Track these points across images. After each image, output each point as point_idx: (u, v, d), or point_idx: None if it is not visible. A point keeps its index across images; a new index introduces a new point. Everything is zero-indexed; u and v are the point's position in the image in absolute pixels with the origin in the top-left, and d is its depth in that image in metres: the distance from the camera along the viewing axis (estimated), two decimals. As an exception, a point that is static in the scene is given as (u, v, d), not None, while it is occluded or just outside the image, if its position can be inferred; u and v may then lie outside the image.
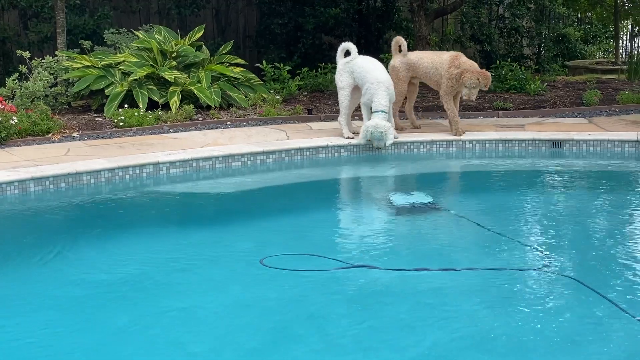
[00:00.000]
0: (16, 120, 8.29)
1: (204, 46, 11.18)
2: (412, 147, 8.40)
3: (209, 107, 10.08)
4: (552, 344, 3.81)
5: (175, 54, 10.42)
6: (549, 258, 5.04)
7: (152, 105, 9.74)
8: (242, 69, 10.88)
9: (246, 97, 10.57)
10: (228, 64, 10.92)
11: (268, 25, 13.66)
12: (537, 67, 15.09)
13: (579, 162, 8.12)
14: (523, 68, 12.43)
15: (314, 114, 10.03)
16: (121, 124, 9.04)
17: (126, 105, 9.53)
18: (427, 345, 3.82)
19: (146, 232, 5.88)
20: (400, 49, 8.85)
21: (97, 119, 9.60)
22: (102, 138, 8.63)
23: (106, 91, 9.80)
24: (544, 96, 11.33)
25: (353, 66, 8.29)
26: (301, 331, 4.01)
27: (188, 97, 10.02)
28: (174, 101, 9.62)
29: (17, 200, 6.55)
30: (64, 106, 10.06)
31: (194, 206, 6.82)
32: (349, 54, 8.43)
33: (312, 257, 5.03)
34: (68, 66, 9.96)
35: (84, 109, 10.31)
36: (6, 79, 9.55)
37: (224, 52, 11.10)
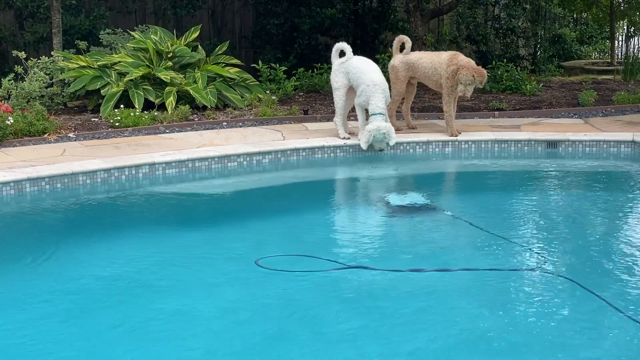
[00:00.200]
0: (12, 121, 8.30)
1: (200, 46, 11.17)
2: (408, 147, 8.40)
3: (205, 108, 10.07)
4: (547, 343, 3.81)
5: (171, 54, 10.42)
6: (544, 258, 5.05)
7: (148, 105, 9.73)
8: (238, 69, 10.88)
9: (242, 97, 10.56)
10: (224, 65, 10.91)
11: (264, 25, 13.65)
12: (533, 67, 15.10)
13: (574, 162, 8.13)
14: (519, 68, 12.42)
15: (310, 115, 10.04)
16: (117, 124, 9.03)
17: (122, 106, 9.52)
18: (423, 345, 3.83)
19: (141, 232, 5.88)
20: (402, 47, 8.85)
21: (93, 119, 9.59)
22: (98, 138, 8.62)
23: (102, 91, 9.79)
24: (539, 97, 11.35)
25: (348, 67, 8.28)
26: (296, 332, 4.01)
27: (184, 98, 10.02)
28: (170, 101, 9.62)
29: (12, 201, 6.55)
30: (60, 106, 10.04)
31: (190, 207, 6.81)
32: (344, 54, 8.43)
33: (308, 258, 5.04)
34: (64, 66, 9.94)
35: (80, 110, 10.30)
36: (2, 79, 9.53)
37: (220, 52, 11.10)
